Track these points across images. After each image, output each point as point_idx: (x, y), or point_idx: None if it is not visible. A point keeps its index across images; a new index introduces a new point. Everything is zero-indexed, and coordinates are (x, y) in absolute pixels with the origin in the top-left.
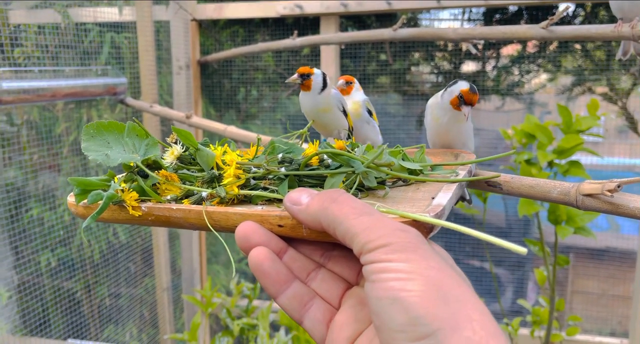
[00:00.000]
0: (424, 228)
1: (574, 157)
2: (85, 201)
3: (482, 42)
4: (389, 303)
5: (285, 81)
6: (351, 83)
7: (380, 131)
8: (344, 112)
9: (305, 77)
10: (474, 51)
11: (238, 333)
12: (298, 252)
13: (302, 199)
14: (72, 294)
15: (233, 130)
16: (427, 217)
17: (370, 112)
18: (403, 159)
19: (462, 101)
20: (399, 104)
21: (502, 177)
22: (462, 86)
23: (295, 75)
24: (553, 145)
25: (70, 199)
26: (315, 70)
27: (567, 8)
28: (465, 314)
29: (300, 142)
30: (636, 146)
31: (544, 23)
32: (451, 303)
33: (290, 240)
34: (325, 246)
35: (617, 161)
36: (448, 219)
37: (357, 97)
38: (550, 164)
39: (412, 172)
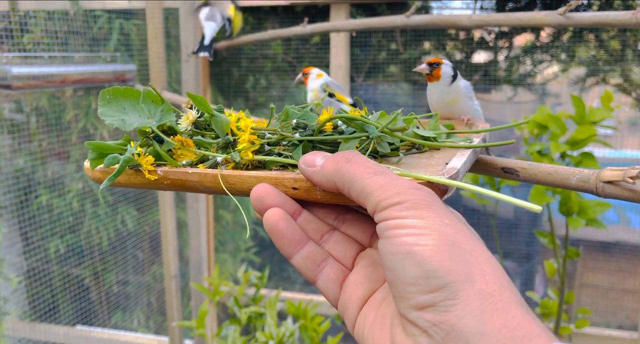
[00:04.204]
0: (438, 190)
1: (586, 149)
2: (102, 165)
3: (496, 29)
4: (402, 257)
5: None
6: (307, 74)
7: None
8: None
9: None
10: (488, 38)
11: (245, 322)
12: (312, 215)
13: (316, 160)
14: (80, 281)
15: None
16: (441, 179)
17: (331, 95)
18: (418, 127)
19: (427, 65)
20: (409, 94)
21: (519, 164)
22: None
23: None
24: (565, 136)
25: (86, 164)
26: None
27: None
28: (478, 268)
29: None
30: None
31: (561, 9)
32: (464, 257)
33: (305, 203)
34: (338, 209)
35: (630, 154)
36: (457, 207)
37: (314, 85)
38: (563, 155)
39: (426, 139)
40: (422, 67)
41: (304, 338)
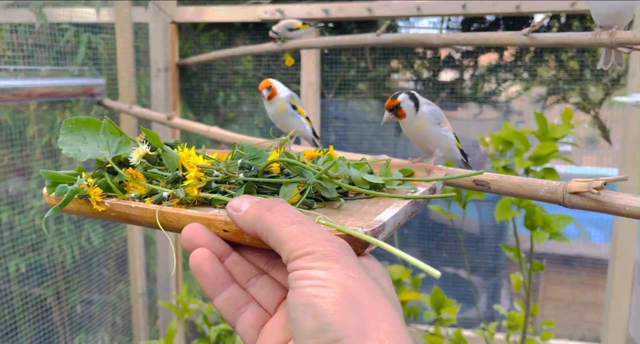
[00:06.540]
0: (359, 243)
1: (548, 165)
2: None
3: (463, 48)
4: (303, 308)
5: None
6: (270, 86)
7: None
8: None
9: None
10: (457, 56)
11: (215, 340)
12: (243, 257)
13: (242, 206)
14: (41, 301)
15: (216, 131)
16: (359, 233)
17: (294, 107)
18: (370, 172)
19: (389, 111)
20: (377, 111)
21: (491, 176)
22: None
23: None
24: (529, 152)
25: (44, 191)
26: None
27: (548, 16)
28: (373, 324)
29: (283, 147)
30: (604, 157)
31: (525, 30)
32: (362, 312)
33: (238, 246)
34: (270, 253)
35: (590, 170)
36: (425, 222)
37: (283, 94)
38: (527, 171)
39: (374, 185)
40: (387, 116)
41: None
